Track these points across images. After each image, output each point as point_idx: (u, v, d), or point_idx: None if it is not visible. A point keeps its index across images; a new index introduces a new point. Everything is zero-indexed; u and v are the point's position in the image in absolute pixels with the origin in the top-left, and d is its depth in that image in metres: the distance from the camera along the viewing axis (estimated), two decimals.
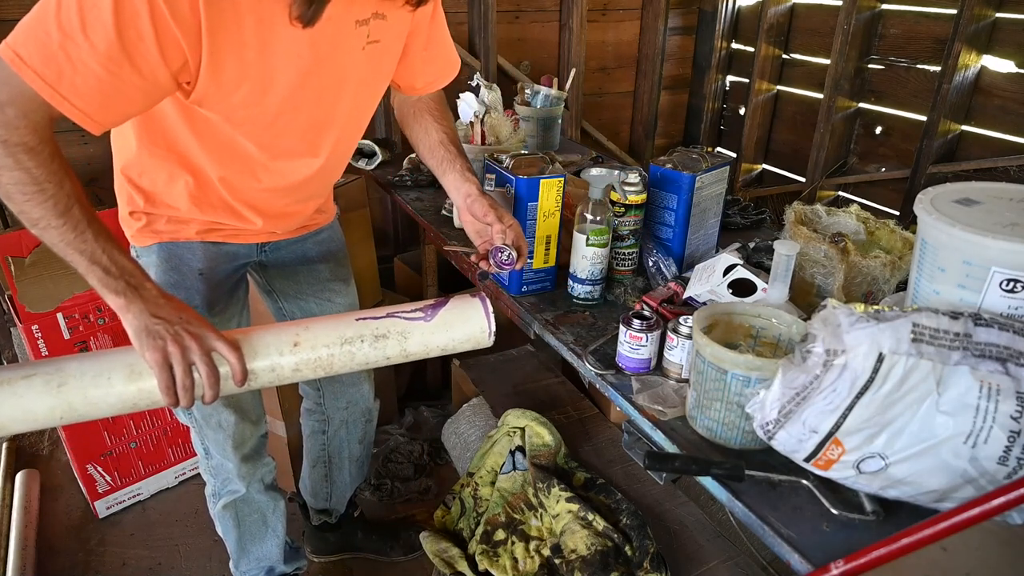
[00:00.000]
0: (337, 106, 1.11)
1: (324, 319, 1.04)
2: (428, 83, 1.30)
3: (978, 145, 2.30)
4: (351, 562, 1.81)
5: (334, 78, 1.06)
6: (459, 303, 1.06)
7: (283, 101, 1.02)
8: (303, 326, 1.00)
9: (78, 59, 0.81)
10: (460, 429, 2.04)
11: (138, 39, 0.82)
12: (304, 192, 1.22)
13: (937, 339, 0.77)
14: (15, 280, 1.74)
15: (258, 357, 0.96)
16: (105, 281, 0.90)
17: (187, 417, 1.32)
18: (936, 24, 2.33)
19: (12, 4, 2.05)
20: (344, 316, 1.04)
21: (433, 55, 1.27)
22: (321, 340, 0.98)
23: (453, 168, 1.23)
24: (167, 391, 0.90)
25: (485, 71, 2.62)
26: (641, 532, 1.55)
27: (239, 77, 0.94)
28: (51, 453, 2.19)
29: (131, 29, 0.81)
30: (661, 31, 2.97)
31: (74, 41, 0.80)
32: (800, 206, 1.25)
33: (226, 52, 0.90)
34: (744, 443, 0.94)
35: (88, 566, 1.80)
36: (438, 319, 1.03)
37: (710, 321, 0.99)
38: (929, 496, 0.79)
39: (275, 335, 0.98)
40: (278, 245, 1.32)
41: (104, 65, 0.82)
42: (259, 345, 0.96)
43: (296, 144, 1.11)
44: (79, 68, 0.81)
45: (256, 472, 1.42)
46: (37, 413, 0.88)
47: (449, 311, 1.05)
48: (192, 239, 1.18)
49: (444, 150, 1.25)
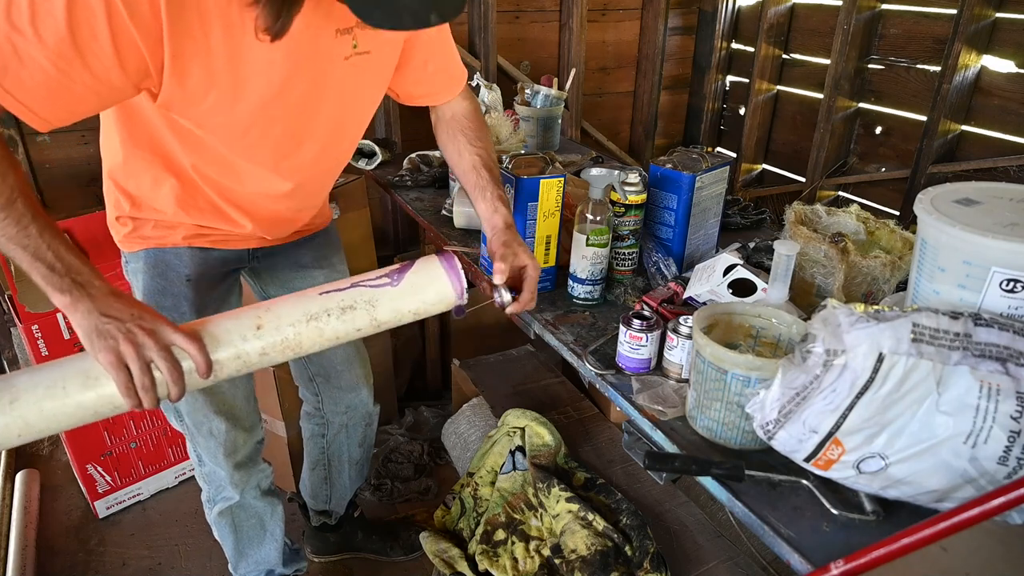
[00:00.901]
0: (316, 117, 1.06)
1: (286, 297, 0.97)
2: (429, 94, 1.25)
3: (978, 145, 2.30)
4: (351, 562, 1.81)
5: (313, 88, 1.01)
6: (425, 263, 1.01)
7: (256, 111, 0.98)
8: (264, 307, 0.94)
9: (25, 53, 0.77)
10: (460, 429, 2.04)
11: (92, 38, 0.79)
12: (294, 202, 1.19)
13: (937, 339, 0.77)
14: (15, 280, 1.74)
15: (221, 346, 0.90)
16: (49, 278, 0.85)
17: (179, 424, 1.31)
18: (936, 24, 2.33)
19: None
20: (307, 292, 0.98)
21: (436, 69, 1.21)
22: (285, 320, 0.93)
23: (484, 197, 1.17)
24: (127, 392, 0.85)
25: (485, 71, 2.62)
26: (641, 532, 1.55)
27: (206, 84, 0.91)
28: (51, 453, 2.19)
29: (85, 27, 0.78)
30: (661, 31, 2.97)
31: (22, 34, 0.76)
32: (800, 206, 1.25)
33: (190, 57, 0.87)
34: (744, 443, 0.94)
35: (88, 566, 1.80)
36: (405, 283, 0.98)
37: (710, 321, 0.99)
38: (929, 496, 0.79)
39: (235, 321, 0.93)
40: (271, 251, 1.30)
41: (53, 61, 0.78)
42: (220, 333, 0.91)
43: (272, 155, 1.07)
44: (25, 62, 0.78)
45: (250, 479, 1.40)
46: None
47: (416, 273, 0.99)
48: (179, 244, 1.16)
49: (476, 176, 1.19)
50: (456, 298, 1.02)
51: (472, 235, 1.61)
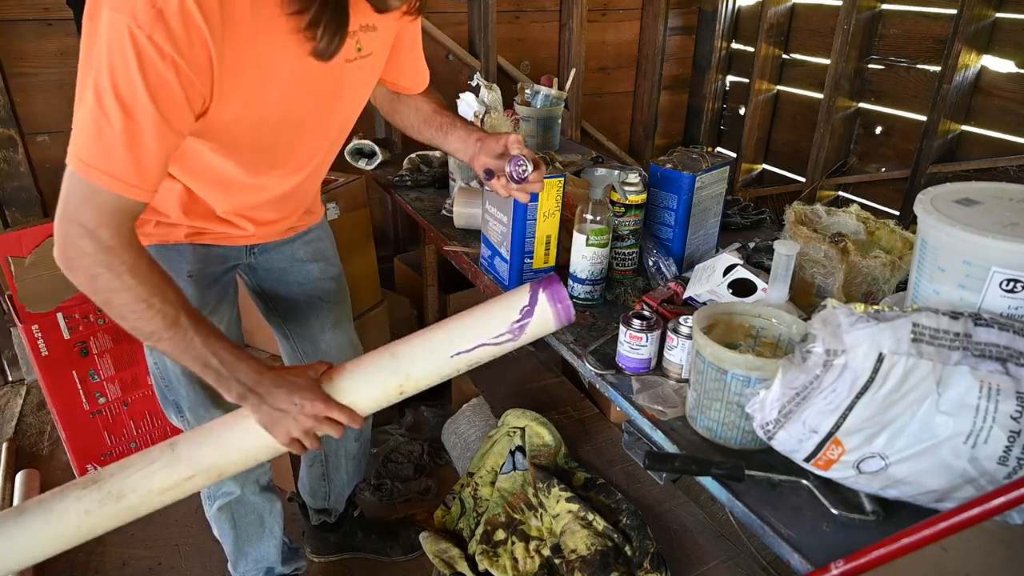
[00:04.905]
0: (328, 121, 1.12)
1: (418, 352, 1.04)
2: (416, 83, 1.33)
3: (978, 145, 2.30)
4: (351, 562, 1.81)
5: (325, 94, 1.06)
6: (541, 315, 1.03)
7: (277, 124, 1.03)
8: (404, 374, 1.03)
9: (134, 143, 0.84)
10: (460, 429, 2.04)
11: (172, 103, 0.84)
12: (292, 202, 1.24)
13: (937, 339, 0.77)
14: (15, 280, 1.74)
15: (370, 410, 1.06)
16: (218, 382, 0.97)
17: (179, 419, 1.32)
18: (936, 24, 2.33)
19: (12, 4, 2.05)
20: (436, 349, 1.04)
21: (417, 55, 1.29)
22: (423, 383, 1.04)
23: (455, 127, 1.26)
24: (299, 452, 1.03)
25: (485, 71, 2.62)
26: (641, 532, 1.55)
27: (240, 112, 0.96)
28: (51, 453, 2.19)
29: (164, 95, 0.83)
30: (661, 31, 2.97)
31: (126, 127, 0.83)
32: (800, 206, 1.25)
33: (230, 91, 0.92)
34: (744, 443, 0.94)
35: (88, 566, 1.80)
36: (524, 336, 1.04)
37: (710, 321, 0.99)
38: (929, 496, 0.79)
39: (382, 388, 1.03)
40: (267, 247, 1.32)
41: (157, 140, 0.85)
42: (367, 403, 1.04)
43: (283, 160, 1.12)
44: (141, 150, 0.84)
45: (250, 473, 1.41)
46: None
47: (533, 326, 1.04)
48: (181, 241, 1.18)
49: (441, 117, 1.28)
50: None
51: (472, 235, 1.61)
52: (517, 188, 1.14)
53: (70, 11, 1.91)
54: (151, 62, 0.81)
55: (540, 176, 1.13)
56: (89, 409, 1.94)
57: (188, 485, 1.03)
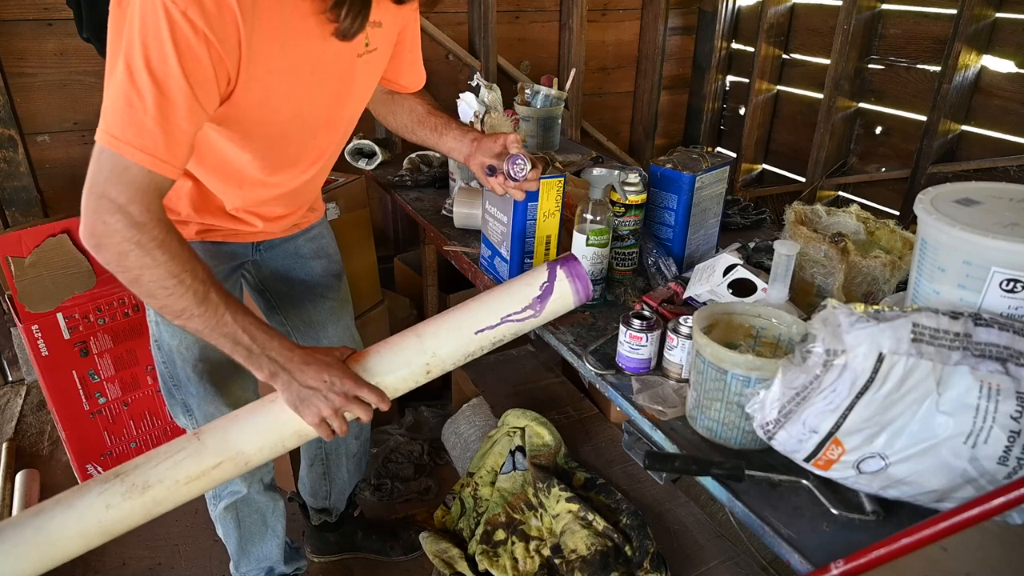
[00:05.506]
0: (339, 113, 1.13)
1: (442, 330, 1.06)
2: (414, 82, 1.35)
3: (978, 145, 2.30)
4: (351, 562, 1.81)
5: (337, 87, 1.08)
6: (560, 290, 1.07)
7: (293, 116, 1.04)
8: (430, 352, 1.04)
9: (165, 118, 0.84)
10: (460, 429, 2.04)
11: (203, 79, 0.85)
12: (299, 197, 1.26)
13: (937, 339, 0.77)
14: (15, 280, 1.74)
15: (398, 391, 1.06)
16: (249, 359, 0.97)
17: (187, 418, 1.32)
18: (936, 24, 2.33)
19: (12, 4, 2.05)
20: (461, 327, 1.06)
21: (416, 56, 1.32)
22: (448, 362, 1.06)
23: (450, 127, 1.28)
24: (327, 435, 1.02)
25: (485, 71, 2.62)
26: (641, 532, 1.55)
27: (261, 97, 0.96)
28: (51, 453, 2.19)
29: (196, 71, 0.84)
30: (661, 31, 2.97)
31: (158, 102, 0.83)
32: (800, 206, 1.25)
33: (255, 77, 0.92)
34: (744, 443, 0.94)
35: (88, 566, 1.80)
36: (546, 311, 1.07)
37: (710, 321, 0.99)
38: (929, 496, 0.79)
39: (408, 368, 1.05)
40: (272, 244, 1.34)
41: (188, 117, 0.86)
42: (396, 384, 1.05)
43: (296, 155, 1.13)
44: (159, 119, 0.84)
45: (256, 472, 1.41)
46: None
47: (554, 301, 1.07)
48: (192, 239, 1.19)
49: (435, 118, 1.31)
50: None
51: (472, 235, 1.61)
52: (514, 186, 1.16)
53: (70, 11, 1.90)
54: (184, 37, 0.81)
55: (537, 175, 1.16)
56: (89, 409, 1.94)
57: (215, 474, 1.01)
